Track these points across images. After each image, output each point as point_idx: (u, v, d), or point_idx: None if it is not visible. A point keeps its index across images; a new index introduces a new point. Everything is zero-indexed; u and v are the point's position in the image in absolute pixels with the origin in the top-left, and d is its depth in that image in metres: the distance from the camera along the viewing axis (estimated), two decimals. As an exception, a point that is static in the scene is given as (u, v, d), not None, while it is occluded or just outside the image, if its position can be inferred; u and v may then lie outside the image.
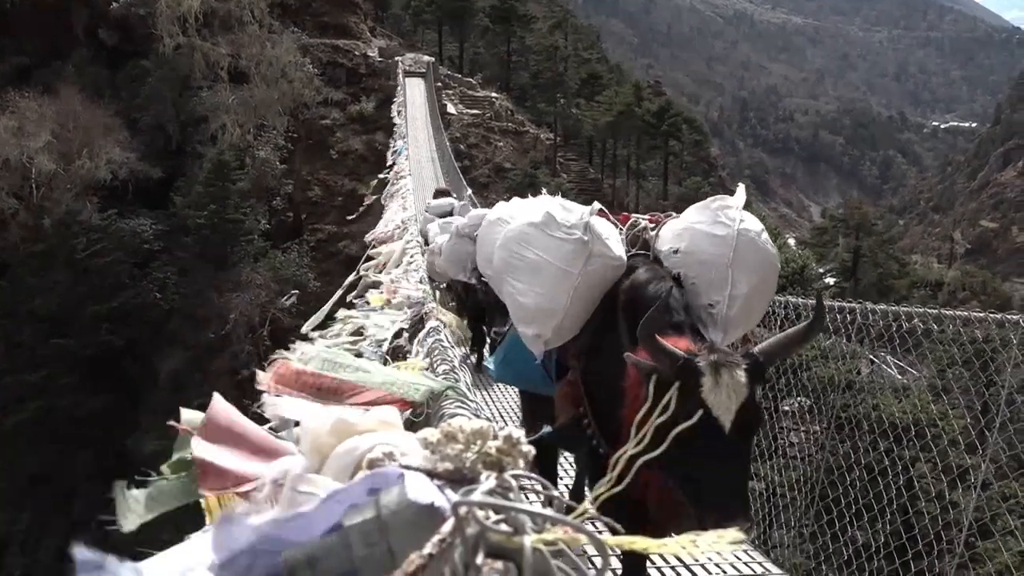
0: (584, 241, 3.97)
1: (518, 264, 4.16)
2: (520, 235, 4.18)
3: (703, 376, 3.04)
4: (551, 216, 4.11)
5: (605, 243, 4.06)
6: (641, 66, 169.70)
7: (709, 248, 3.99)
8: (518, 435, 0.96)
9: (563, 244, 4.01)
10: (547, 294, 4.03)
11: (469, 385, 2.73)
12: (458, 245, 11.35)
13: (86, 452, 30.51)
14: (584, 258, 3.95)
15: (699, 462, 3.02)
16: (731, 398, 3.03)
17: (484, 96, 54.26)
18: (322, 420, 1.22)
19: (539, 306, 4.08)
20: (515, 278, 4.18)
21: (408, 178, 21.58)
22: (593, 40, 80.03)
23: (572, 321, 4.07)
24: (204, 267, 33.07)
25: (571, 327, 4.11)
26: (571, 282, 3.96)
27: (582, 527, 0.84)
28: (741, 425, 3.05)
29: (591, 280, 4.00)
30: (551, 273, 4.01)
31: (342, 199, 41.00)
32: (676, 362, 3.08)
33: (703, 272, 3.96)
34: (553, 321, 4.04)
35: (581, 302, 4.03)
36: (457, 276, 11.57)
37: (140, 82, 40.26)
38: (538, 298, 4.07)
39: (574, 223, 4.05)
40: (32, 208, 33.92)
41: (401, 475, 0.93)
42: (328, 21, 50.35)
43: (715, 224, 4.05)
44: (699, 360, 3.08)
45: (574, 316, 4.05)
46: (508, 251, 4.24)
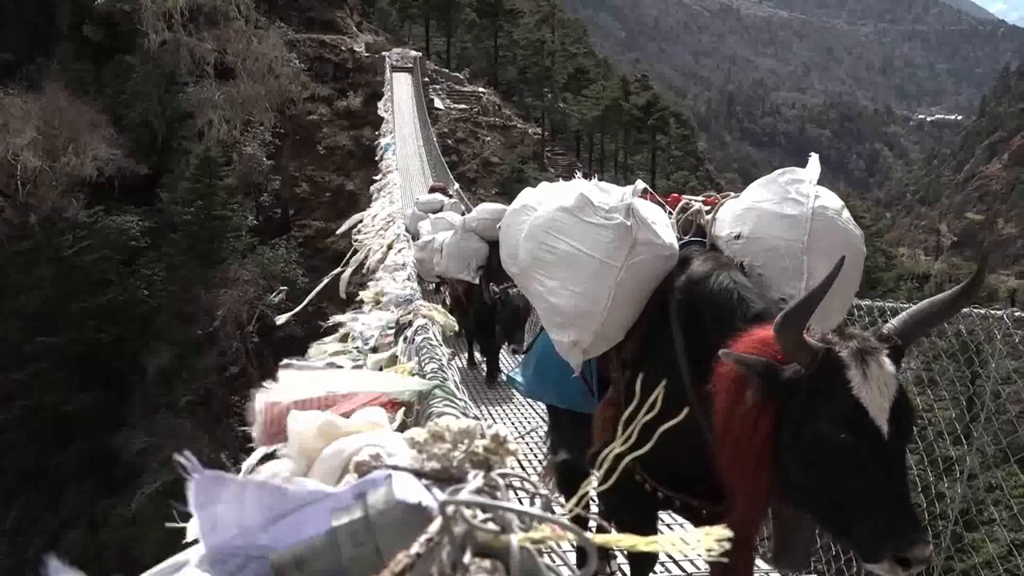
0: (627, 227, 3.36)
1: (548, 258, 3.57)
2: (550, 223, 3.59)
3: (849, 369, 2.47)
4: (586, 199, 3.50)
5: (652, 229, 3.44)
6: (628, 60, 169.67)
7: (779, 231, 3.39)
8: (505, 433, 0.97)
9: (601, 231, 3.41)
10: (584, 292, 3.44)
11: (457, 384, 2.61)
12: (463, 241, 10.85)
13: (73, 449, 30.43)
14: (627, 247, 3.35)
15: (851, 480, 2.44)
16: (883, 393, 2.46)
17: (471, 91, 54.24)
18: (308, 422, 1.21)
19: (575, 307, 3.47)
20: (545, 274, 3.60)
21: (395, 173, 21.58)
22: (580, 34, 79.92)
23: (615, 325, 3.47)
24: (191, 264, 32.95)
25: (614, 332, 3.50)
26: (613, 277, 3.36)
27: (569, 525, 0.85)
28: (898, 426, 2.48)
29: (637, 274, 3.40)
30: (588, 267, 3.42)
31: (330, 195, 40.99)
32: (816, 354, 2.51)
33: (772, 261, 3.38)
34: (592, 325, 3.44)
35: (626, 301, 3.43)
36: (459, 275, 11.04)
37: (125, 78, 40.04)
38: (574, 298, 3.47)
39: (614, 206, 3.44)
40: (18, 205, 33.74)
41: (388, 475, 0.93)
42: (315, 16, 50.27)
43: (785, 202, 3.45)
44: (839, 349, 2.52)
45: (617, 319, 3.46)
46: (536, 242, 3.64)
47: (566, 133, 61.44)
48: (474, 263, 10.69)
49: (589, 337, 3.47)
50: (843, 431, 2.44)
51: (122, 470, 29.61)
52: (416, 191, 27.99)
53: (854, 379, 2.45)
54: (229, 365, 31.97)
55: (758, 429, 2.59)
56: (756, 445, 2.59)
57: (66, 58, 40.76)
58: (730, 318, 2.97)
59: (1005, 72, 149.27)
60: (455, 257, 10.96)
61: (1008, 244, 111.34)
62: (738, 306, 3.04)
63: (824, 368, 2.49)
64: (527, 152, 50.74)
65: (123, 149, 36.78)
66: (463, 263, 10.79)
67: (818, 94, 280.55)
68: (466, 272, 10.77)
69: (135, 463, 29.25)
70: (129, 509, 27.70)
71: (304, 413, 1.27)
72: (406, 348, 3.99)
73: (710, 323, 3.06)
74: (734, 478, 2.72)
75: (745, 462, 2.63)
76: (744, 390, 2.61)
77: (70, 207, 33.92)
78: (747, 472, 2.64)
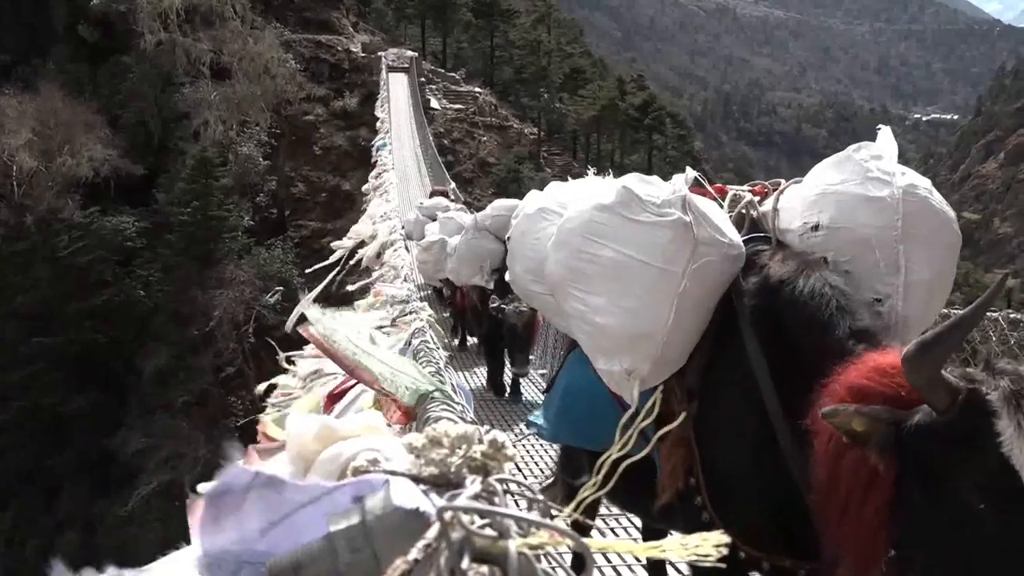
0: (685, 223, 2.77)
1: (589, 269, 2.93)
2: (588, 226, 2.96)
3: (999, 418, 1.90)
4: (631, 193, 2.89)
5: (714, 224, 2.85)
6: (624, 60, 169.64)
7: (866, 218, 2.82)
8: (503, 439, 0.96)
9: (656, 232, 2.80)
10: (640, 308, 2.81)
11: (455, 387, 2.58)
12: (476, 241, 9.86)
13: (70, 450, 30.38)
14: (689, 249, 2.75)
15: (991, 568, 1.89)
16: None
17: (467, 91, 54.24)
18: (307, 426, 1.21)
19: (629, 327, 2.84)
20: (586, 290, 2.95)
21: (391, 172, 21.59)
22: (576, 34, 79.88)
23: (679, 345, 2.87)
24: (188, 264, 32.91)
25: (678, 354, 2.90)
26: (674, 287, 2.76)
27: (567, 531, 0.85)
28: None
29: (702, 281, 2.80)
30: (643, 276, 2.81)
31: (326, 195, 41.00)
32: (956, 395, 1.95)
33: (861, 253, 2.81)
34: (651, 348, 2.81)
35: (690, 315, 2.82)
36: (472, 279, 10.09)
37: (121, 78, 40.02)
38: (626, 316, 2.84)
39: (666, 199, 2.84)
40: (13, 206, 33.68)
41: (386, 480, 0.93)
42: (310, 16, 50.26)
43: (868, 182, 2.86)
44: (987, 389, 1.94)
45: (681, 337, 2.85)
46: (571, 251, 3.00)
47: (562, 133, 61.44)
48: (488, 266, 9.64)
49: (647, 364, 2.85)
50: (986, 501, 1.89)
51: (119, 471, 29.58)
52: (413, 191, 28.02)
53: (1006, 431, 1.88)
54: (226, 366, 31.94)
55: (874, 488, 2.08)
56: (870, 507, 2.09)
57: (62, 58, 40.70)
58: (828, 332, 2.48)
59: (1001, 71, 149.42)
60: (467, 260, 9.98)
61: (1004, 243, 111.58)
62: (838, 317, 2.51)
63: (966, 414, 1.94)
64: (523, 152, 50.78)
65: (119, 149, 36.76)
66: (476, 266, 9.81)
67: (814, 94, 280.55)
68: (480, 276, 9.79)
69: (132, 464, 29.22)
70: (125, 510, 27.69)
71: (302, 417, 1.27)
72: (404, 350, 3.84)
73: (801, 338, 2.56)
74: (838, 541, 2.20)
75: (855, 526, 2.12)
76: (848, 445, 2.11)
77: (66, 208, 33.89)
78: (856, 537, 2.13)
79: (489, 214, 9.87)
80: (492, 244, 9.60)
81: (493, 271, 9.45)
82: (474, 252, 9.86)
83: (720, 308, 2.90)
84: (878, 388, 2.11)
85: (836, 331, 2.48)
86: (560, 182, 3.91)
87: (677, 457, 2.86)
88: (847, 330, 2.47)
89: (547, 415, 3.87)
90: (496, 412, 9.46)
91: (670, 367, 2.91)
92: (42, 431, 30.46)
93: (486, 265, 9.65)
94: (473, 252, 9.87)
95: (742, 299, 2.82)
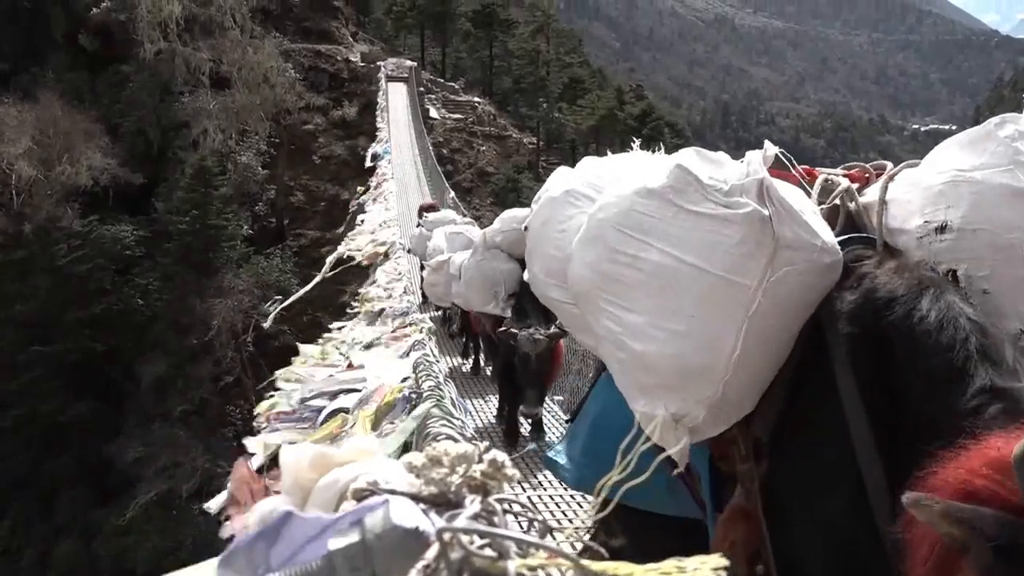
0: (763, 219, 2.03)
1: (627, 276, 2.19)
2: (627, 216, 2.22)
3: None
4: (688, 174, 2.14)
5: (802, 221, 2.10)
6: (623, 70, 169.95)
7: (1013, 217, 2.01)
8: (503, 458, 0.97)
9: (721, 229, 2.06)
10: (695, 333, 2.07)
11: (454, 401, 2.43)
12: (486, 262, 8.17)
13: (68, 458, 30.31)
14: (767, 254, 2.02)
15: None
16: None
17: (467, 100, 54.28)
18: (301, 455, 1.21)
19: (679, 359, 2.09)
20: (622, 304, 2.21)
21: (391, 181, 21.57)
22: (575, 44, 79.95)
23: (746, 385, 2.12)
24: (186, 273, 32.86)
25: (743, 397, 2.15)
26: (743, 305, 2.03)
27: (565, 552, 0.85)
28: None
29: (782, 298, 2.05)
30: (700, 289, 2.06)
31: (325, 204, 40.98)
32: None
33: (1005, 266, 2.00)
34: (709, 388, 2.08)
35: (763, 346, 2.08)
36: (485, 307, 8.27)
37: (121, 87, 40.03)
38: (676, 343, 2.09)
39: (737, 184, 2.09)
40: (12, 215, 33.63)
41: (386, 500, 0.93)
42: (310, 26, 50.29)
43: (1017, 168, 2.04)
44: None
45: (750, 376, 2.10)
46: (604, 251, 2.26)
47: (561, 143, 61.47)
48: (503, 290, 7.99)
49: (701, 408, 2.10)
50: None
51: (116, 479, 29.51)
52: (412, 201, 28.00)
53: None
54: (224, 375, 31.89)
55: None
56: None
57: (61, 67, 40.68)
58: (960, 387, 1.77)
59: (999, 82, 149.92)
60: (477, 285, 8.26)
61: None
62: (976, 366, 1.79)
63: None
64: (522, 162, 50.81)
65: (118, 158, 36.73)
66: (489, 292, 8.10)
67: (812, 104, 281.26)
68: (494, 304, 8.07)
69: (129, 473, 29.15)
70: (123, 519, 27.60)
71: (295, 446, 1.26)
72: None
73: (921, 389, 1.84)
74: None
75: None
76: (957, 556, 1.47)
77: (65, 216, 33.85)
78: None
79: (499, 229, 8.26)
80: (505, 264, 8.10)
81: (509, 296, 7.88)
82: (485, 275, 8.17)
83: (805, 336, 2.14)
84: (990, 487, 1.47)
85: (971, 386, 1.76)
86: (596, 157, 2.99)
87: (737, 535, 2.16)
88: (986, 385, 1.75)
89: (571, 453, 3.00)
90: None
91: (733, 413, 2.16)
92: (40, 439, 30.38)
93: (500, 290, 8.02)
94: (484, 275, 8.18)
95: (836, 324, 2.05)
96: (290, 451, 1.23)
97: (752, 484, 2.16)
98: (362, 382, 3.33)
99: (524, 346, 7.06)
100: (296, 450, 1.23)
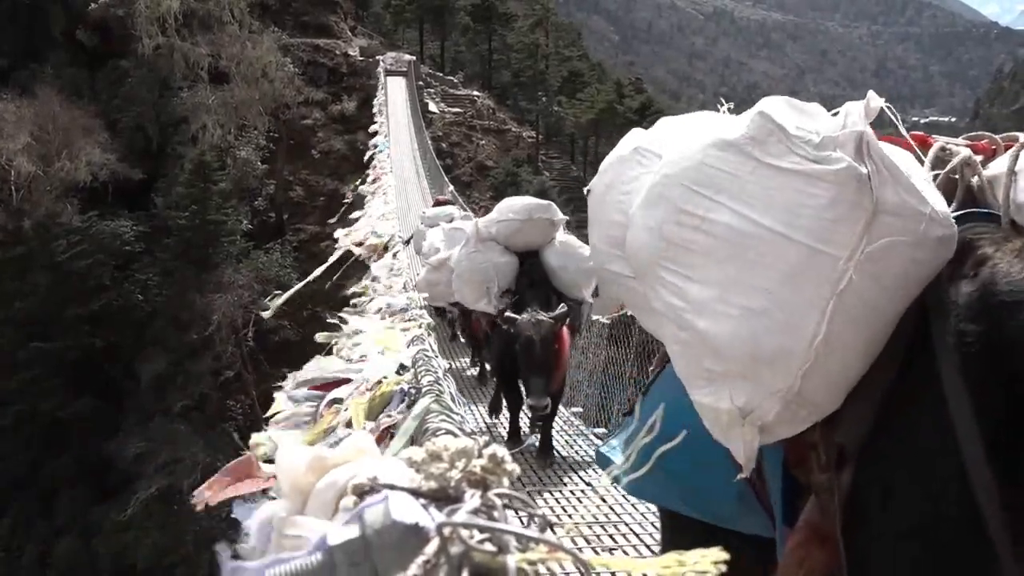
0: (860, 177, 1.67)
1: (693, 241, 1.83)
2: (696, 171, 1.85)
3: None
4: (772, 123, 1.78)
5: (908, 184, 1.71)
6: (622, 63, 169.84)
7: None
8: (502, 453, 0.96)
9: (809, 187, 1.71)
10: (772, 310, 1.71)
11: (453, 396, 2.40)
12: (479, 255, 7.29)
13: (68, 455, 30.37)
14: (863, 220, 1.66)
15: None
16: None
17: (466, 94, 54.31)
18: (297, 458, 1.20)
19: (752, 340, 1.73)
20: (686, 274, 1.85)
21: (390, 175, 21.56)
22: (574, 38, 79.99)
23: (831, 377, 1.73)
24: (186, 268, 32.90)
25: (827, 392, 1.75)
26: (831, 280, 1.66)
27: (565, 546, 0.85)
28: None
29: (880, 274, 1.68)
30: (781, 258, 1.71)
31: (324, 199, 41.00)
32: None
33: None
34: (785, 377, 1.71)
35: (854, 331, 1.69)
36: (477, 304, 7.45)
37: (119, 83, 40.08)
38: (748, 321, 1.73)
39: (831, 136, 1.73)
40: (11, 211, 33.68)
41: (385, 496, 0.93)
42: (308, 20, 50.28)
43: None
44: None
45: (836, 366, 1.72)
46: (668, 211, 1.88)
47: (560, 136, 61.54)
48: (496, 286, 7.10)
49: (774, 402, 1.74)
50: None
51: (116, 476, 29.55)
52: (411, 196, 28.01)
53: None
54: (224, 370, 31.94)
55: None
56: None
57: (60, 63, 40.70)
58: None
59: (998, 74, 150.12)
60: (469, 279, 7.39)
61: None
62: None
63: None
64: (521, 155, 50.84)
65: (117, 154, 36.79)
66: (480, 287, 7.21)
67: (812, 96, 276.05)
68: (486, 300, 7.16)
69: (130, 469, 29.19)
70: (124, 515, 27.66)
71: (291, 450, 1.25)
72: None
73: None
74: None
75: None
76: None
77: (64, 212, 33.90)
78: None
79: (495, 219, 7.40)
80: (500, 257, 7.24)
81: (504, 292, 7.10)
82: (475, 268, 7.27)
83: (906, 324, 1.73)
84: None
85: None
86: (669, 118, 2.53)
87: (813, 562, 1.82)
88: None
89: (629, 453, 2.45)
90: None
91: (812, 412, 1.77)
92: (40, 436, 30.44)
93: (493, 286, 7.10)
94: (474, 268, 7.28)
95: (946, 319, 1.62)
96: (286, 454, 1.22)
97: (831, 499, 1.75)
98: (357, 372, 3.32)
99: (525, 329, 6.48)
100: (292, 453, 1.22)
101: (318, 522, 1.07)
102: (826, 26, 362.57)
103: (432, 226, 12.33)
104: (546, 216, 7.19)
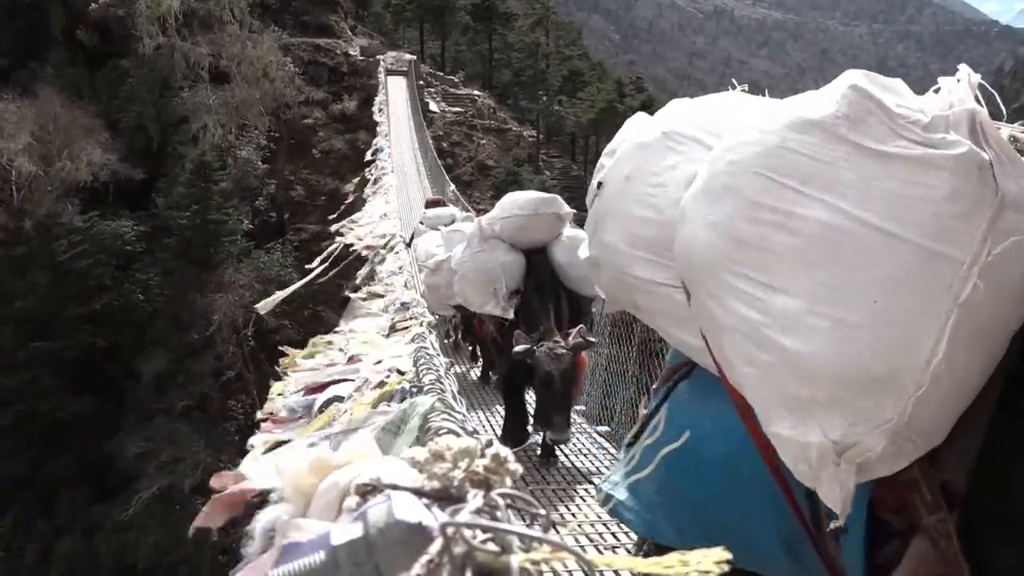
0: (981, 164, 1.45)
1: (775, 239, 1.57)
2: (776, 155, 1.60)
3: None
4: (870, 99, 1.57)
5: None
6: (623, 62, 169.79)
7: None
8: (505, 453, 0.96)
9: (921, 176, 1.47)
10: (877, 324, 1.45)
11: (455, 395, 2.38)
12: (483, 254, 6.83)
13: (68, 455, 30.35)
14: (987, 216, 1.42)
15: None
16: None
17: (466, 94, 54.26)
18: (299, 461, 1.20)
19: (854, 360, 1.46)
20: (764, 279, 1.58)
21: (391, 175, 21.53)
22: (574, 37, 79.95)
23: (943, 406, 1.47)
24: (187, 268, 32.89)
25: (939, 419, 1.48)
26: (950, 288, 1.42)
27: (568, 546, 0.85)
28: None
29: (1005, 280, 1.43)
30: (887, 262, 1.46)
31: (325, 198, 40.96)
32: None
33: None
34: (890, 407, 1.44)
35: (975, 349, 1.45)
36: (484, 307, 6.92)
37: (120, 83, 40.06)
38: (847, 337, 1.47)
39: (941, 116, 1.54)
40: (12, 211, 33.67)
41: (388, 495, 0.93)
42: (309, 20, 50.26)
43: None
44: None
45: (951, 391, 1.45)
46: (740, 204, 1.63)
47: (561, 136, 61.50)
48: (503, 287, 6.67)
49: (879, 436, 1.45)
50: None
51: (117, 476, 29.55)
52: (412, 194, 27.98)
53: None
54: (225, 369, 31.94)
55: None
56: None
57: (60, 63, 40.69)
58: None
59: (999, 73, 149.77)
60: (472, 279, 6.90)
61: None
62: None
63: None
64: (522, 155, 50.83)
65: (118, 154, 36.78)
66: (487, 289, 6.74)
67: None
68: (493, 303, 6.70)
69: (130, 469, 29.19)
70: (125, 514, 27.65)
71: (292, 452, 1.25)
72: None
73: None
74: None
75: None
76: None
77: (65, 212, 33.89)
78: None
79: (498, 216, 6.95)
80: (506, 256, 6.82)
81: (512, 293, 6.71)
82: (480, 269, 6.82)
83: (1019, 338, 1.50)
84: None
85: None
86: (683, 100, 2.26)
87: None
88: None
89: (638, 490, 2.25)
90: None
91: (920, 444, 1.49)
92: (40, 436, 30.42)
93: (500, 286, 6.68)
94: (479, 269, 6.82)
95: None
96: (288, 457, 1.22)
97: (950, 543, 1.48)
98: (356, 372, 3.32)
99: (546, 363, 5.96)
100: (294, 455, 1.22)
101: (321, 524, 1.07)
102: (826, 25, 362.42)
103: (432, 227, 11.84)
104: (552, 210, 6.77)
